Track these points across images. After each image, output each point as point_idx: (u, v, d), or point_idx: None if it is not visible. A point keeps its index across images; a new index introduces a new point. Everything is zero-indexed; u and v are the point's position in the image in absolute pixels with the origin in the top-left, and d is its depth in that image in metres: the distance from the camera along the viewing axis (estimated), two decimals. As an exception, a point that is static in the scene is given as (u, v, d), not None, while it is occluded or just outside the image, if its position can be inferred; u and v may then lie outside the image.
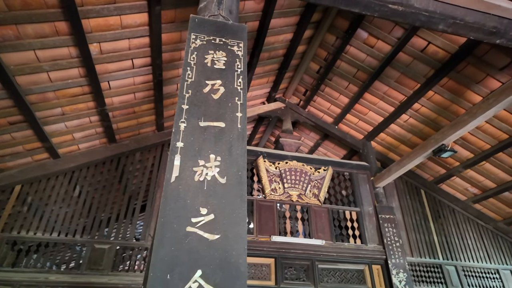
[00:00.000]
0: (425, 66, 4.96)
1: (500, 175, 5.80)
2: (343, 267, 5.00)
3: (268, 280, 4.69)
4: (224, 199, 1.33)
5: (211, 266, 1.17)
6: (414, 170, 6.66)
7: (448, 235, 6.04)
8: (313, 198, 5.62)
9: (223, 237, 1.24)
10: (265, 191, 5.46)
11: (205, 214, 1.28)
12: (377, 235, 5.39)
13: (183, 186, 1.33)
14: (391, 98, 5.70)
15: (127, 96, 4.79)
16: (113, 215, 5.00)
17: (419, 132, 5.93)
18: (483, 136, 5.35)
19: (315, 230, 5.28)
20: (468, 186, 6.33)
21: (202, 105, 1.58)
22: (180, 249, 1.18)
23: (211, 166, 1.40)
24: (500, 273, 5.88)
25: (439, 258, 5.70)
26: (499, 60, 4.40)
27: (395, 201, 6.13)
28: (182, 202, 1.29)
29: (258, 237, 4.99)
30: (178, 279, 1.11)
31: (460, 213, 6.39)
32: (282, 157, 5.89)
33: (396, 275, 4.92)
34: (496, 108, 3.87)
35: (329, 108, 6.71)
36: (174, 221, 1.23)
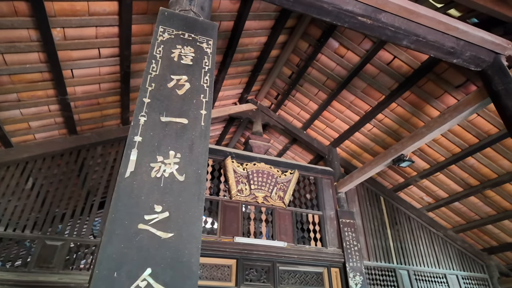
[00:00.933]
0: (390, 79, 5.21)
1: (452, 186, 6.22)
2: (303, 269, 5.09)
3: (228, 281, 4.66)
4: (181, 197, 1.31)
5: (161, 265, 1.14)
6: (375, 178, 6.96)
7: (403, 241, 6.37)
8: (278, 200, 5.68)
9: (177, 235, 1.21)
10: (231, 191, 5.45)
11: (160, 212, 1.25)
12: (337, 239, 5.56)
13: (138, 182, 1.29)
14: (357, 107, 5.92)
15: (92, 86, 4.58)
16: (68, 211, 4.74)
17: (381, 141, 6.22)
18: (439, 149, 5.71)
19: (278, 232, 5.34)
20: (423, 195, 6.73)
21: (165, 100, 1.55)
22: (130, 246, 1.14)
23: (170, 163, 1.37)
24: (447, 278, 6.29)
25: (394, 263, 5.98)
26: (456, 79, 4.73)
27: (355, 206, 6.36)
28: (135, 198, 1.24)
29: (221, 237, 4.96)
30: (125, 277, 1.07)
31: (415, 220, 6.76)
32: (250, 159, 5.90)
33: (353, 278, 5.10)
34: (451, 123, 4.15)
35: (299, 113, 6.85)
36: (125, 217, 1.19)
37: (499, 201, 5.93)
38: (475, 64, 3.58)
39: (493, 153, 5.30)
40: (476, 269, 6.68)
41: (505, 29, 3.57)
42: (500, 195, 5.79)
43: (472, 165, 5.66)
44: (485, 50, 3.53)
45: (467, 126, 5.16)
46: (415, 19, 3.21)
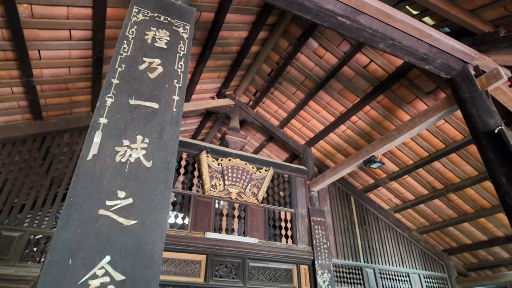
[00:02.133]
0: (365, 82, 5.34)
1: (418, 188, 6.49)
2: (273, 266, 5.12)
3: (197, 276, 4.59)
4: (147, 183, 1.25)
5: (122, 253, 1.08)
6: (346, 178, 7.13)
7: (371, 240, 6.57)
8: (252, 197, 5.67)
9: (140, 223, 1.15)
10: (204, 186, 5.37)
11: (123, 198, 1.18)
12: (307, 236, 5.63)
13: (101, 165, 1.21)
14: (332, 108, 6.02)
15: (60, 70, 4.33)
16: (29, 201, 4.47)
17: (354, 143, 6.37)
18: (408, 152, 5.93)
19: (250, 229, 5.33)
20: (391, 196, 6.97)
21: (135, 82, 1.47)
22: (87, 233, 1.06)
23: (137, 148, 1.31)
24: (410, 277, 6.56)
25: (361, 261, 6.16)
26: (427, 85, 4.92)
27: (327, 205, 6.48)
28: (97, 182, 1.17)
29: (192, 233, 4.88)
30: (81, 264, 1.00)
31: (382, 220, 6.99)
32: (226, 154, 5.84)
33: (321, 275, 5.19)
34: (420, 127, 4.32)
35: (277, 111, 6.87)
36: (84, 202, 1.11)
37: (460, 205, 6.25)
38: (445, 71, 3.74)
39: (457, 158, 5.57)
40: (436, 269, 7.02)
41: (473, 40, 3.75)
42: (461, 199, 6.11)
43: (438, 170, 5.93)
44: (455, 58, 3.69)
45: (435, 132, 5.39)
46: (391, 23, 3.30)
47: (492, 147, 3.20)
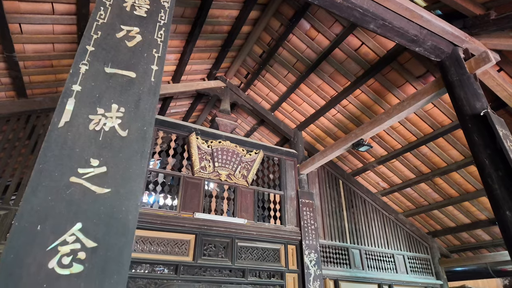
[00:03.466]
0: (356, 66, 5.30)
1: (405, 172, 6.59)
2: (261, 245, 5.20)
3: (185, 256, 4.64)
4: (122, 153, 1.22)
5: (94, 220, 1.06)
6: (335, 162, 7.19)
7: (357, 223, 6.70)
8: (241, 179, 5.69)
9: (114, 192, 1.14)
10: (194, 168, 5.35)
11: (96, 166, 1.16)
12: (295, 218, 5.71)
13: (73, 133, 1.18)
14: (323, 92, 6.00)
15: (44, 45, 4.19)
16: (14, 179, 4.40)
17: (344, 127, 6.39)
18: (397, 137, 5.99)
19: (239, 210, 5.38)
20: (379, 180, 7.08)
21: (111, 50, 1.42)
22: (58, 200, 1.04)
23: (112, 117, 1.27)
24: (395, 257, 6.75)
25: (347, 242, 6.30)
26: (417, 69, 4.92)
27: (315, 188, 6.56)
28: (68, 150, 1.14)
29: (181, 213, 4.89)
30: (50, 231, 0.99)
31: (369, 203, 7.12)
32: (216, 136, 5.81)
33: (308, 255, 5.30)
34: (408, 110, 4.33)
35: (268, 94, 6.82)
36: (55, 169, 1.09)
37: (446, 188, 6.39)
38: (435, 54, 3.72)
39: (444, 143, 5.65)
40: (420, 250, 7.23)
41: (464, 23, 3.73)
42: (447, 183, 6.23)
43: (425, 154, 6.01)
44: (445, 41, 3.68)
45: (423, 116, 5.43)
46: (383, 3, 3.24)
47: (478, 130, 3.24)
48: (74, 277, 0.95)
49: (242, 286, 4.77)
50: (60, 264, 0.95)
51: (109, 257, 1.02)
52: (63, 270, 0.95)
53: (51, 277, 0.92)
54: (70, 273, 0.95)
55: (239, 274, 4.85)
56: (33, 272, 0.91)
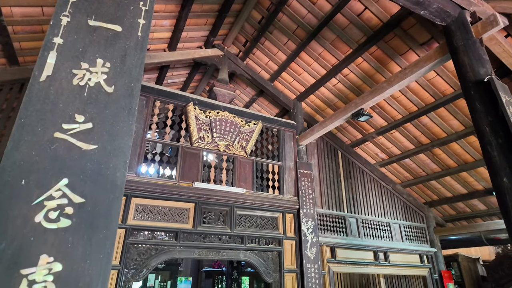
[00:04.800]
0: (358, 32, 5.11)
1: (405, 143, 6.57)
2: (260, 214, 5.29)
3: (185, 223, 4.74)
4: (108, 109, 1.18)
5: (80, 176, 1.04)
6: (335, 133, 7.15)
7: (355, 193, 6.78)
8: (240, 149, 5.68)
9: (101, 148, 1.11)
10: (192, 138, 5.32)
11: (81, 122, 1.12)
12: (294, 188, 5.77)
13: (56, 88, 1.13)
14: (324, 60, 5.84)
15: (32, 9, 4.01)
16: (11, 149, 4.38)
17: (344, 97, 6.28)
18: (397, 107, 5.90)
19: (238, 180, 5.42)
20: (378, 151, 7.08)
21: (95, 2, 1.33)
22: (42, 155, 1.02)
23: (97, 72, 1.21)
24: (391, 226, 6.89)
25: (344, 211, 6.41)
26: (421, 36, 4.74)
27: (314, 159, 6.57)
28: (51, 105, 1.10)
29: (180, 182, 4.93)
30: (35, 186, 0.97)
31: (367, 174, 7.16)
32: (214, 107, 5.73)
33: (305, 223, 5.41)
34: (410, 78, 4.22)
35: (267, 63, 6.65)
36: (38, 124, 1.05)
37: (444, 159, 6.39)
38: (440, 17, 3.56)
39: (445, 113, 5.57)
40: (416, 220, 7.37)
41: (474, -16, 3.53)
42: (446, 153, 6.23)
43: (426, 124, 5.96)
44: (452, 3, 3.50)
45: (425, 85, 5.31)
46: (388, -40, 3.05)
47: (480, 97, 3.16)
48: (61, 231, 0.94)
49: (241, 251, 4.91)
50: (47, 219, 0.94)
51: (97, 212, 1.01)
52: (50, 224, 0.93)
53: (38, 231, 0.91)
54: (58, 227, 0.94)
55: (238, 240, 4.97)
56: (18, 225, 0.90)
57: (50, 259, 0.91)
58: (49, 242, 0.92)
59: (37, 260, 0.89)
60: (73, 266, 0.92)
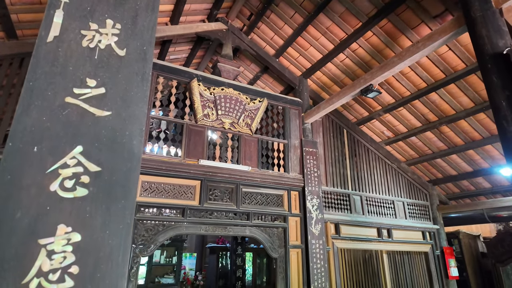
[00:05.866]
0: (369, 4, 4.90)
1: (412, 121, 6.48)
2: (265, 191, 5.30)
3: (192, 200, 4.75)
4: (121, 74, 1.10)
5: (95, 144, 0.98)
6: (341, 111, 7.05)
7: (360, 171, 6.76)
8: (245, 127, 5.61)
9: (115, 115, 1.04)
10: (197, 116, 5.24)
11: (93, 87, 1.05)
12: (299, 166, 5.75)
13: (65, 49, 1.05)
14: (332, 34, 5.64)
15: (29, -22, 3.83)
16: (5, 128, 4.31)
17: (352, 74, 6.12)
18: (406, 83, 5.76)
19: (243, 158, 5.39)
20: (384, 129, 6.99)
21: (101, -42, 1.23)
22: (54, 120, 0.96)
23: (107, 33, 1.13)
24: (395, 204, 6.92)
25: (349, 189, 6.41)
26: (434, 8, 4.54)
27: (319, 137, 6.50)
28: (60, 67, 1.02)
29: (185, 159, 4.90)
30: (48, 153, 0.91)
31: (373, 152, 7.12)
32: (218, 83, 5.61)
33: (310, 200, 5.42)
34: (422, 52, 4.07)
35: (272, 38, 6.44)
36: (47, 88, 0.98)
37: (451, 137, 6.32)
38: (458, -14, 3.38)
39: (455, 89, 5.44)
40: (420, 197, 7.40)
41: (496, -51, 3.31)
42: (453, 131, 6.14)
43: (434, 101, 5.84)
44: (472, -30, 3.31)
45: (436, 61, 5.15)
46: None
47: (497, 70, 3.05)
48: (78, 200, 0.89)
49: (247, 228, 4.95)
50: (63, 187, 0.89)
51: (115, 182, 0.96)
52: (66, 193, 0.89)
53: (54, 200, 0.87)
54: (74, 197, 0.89)
55: (243, 217, 5.00)
56: (33, 194, 0.85)
57: (68, 229, 0.87)
58: (66, 212, 0.87)
59: (54, 230, 0.85)
60: (92, 236, 0.89)
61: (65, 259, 0.84)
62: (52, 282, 0.81)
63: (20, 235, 0.81)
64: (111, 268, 0.88)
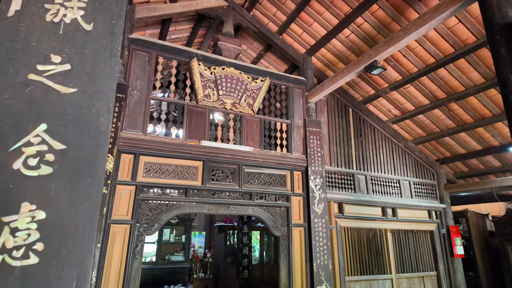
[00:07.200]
0: (375, -26, 4.65)
1: (420, 98, 6.29)
2: (268, 171, 5.30)
3: (194, 180, 4.80)
4: (87, 49, 1.07)
5: (60, 122, 0.97)
6: (346, 89, 6.88)
7: (365, 150, 6.67)
8: (247, 107, 5.56)
9: (81, 91, 1.02)
10: (197, 96, 5.20)
11: (58, 63, 1.02)
12: (302, 146, 5.70)
13: (27, 24, 1.02)
14: (336, 8, 5.41)
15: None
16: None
17: (357, 50, 5.92)
18: (413, 59, 5.55)
19: (245, 138, 5.37)
20: (391, 107, 6.82)
21: None
22: (16, 98, 0.94)
23: (73, 7, 1.09)
24: (400, 183, 6.85)
25: (353, 169, 6.36)
26: (444, -24, 4.27)
27: (323, 116, 6.40)
28: (22, 43, 0.99)
29: (187, 141, 4.91)
30: (11, 131, 0.90)
31: (379, 131, 6.99)
32: (219, 63, 5.52)
33: (313, 180, 5.41)
34: (429, 25, 3.88)
35: (275, 14, 6.24)
36: (8, 64, 0.96)
37: (460, 114, 6.13)
38: (468, -49, 3.15)
39: (465, 64, 5.22)
40: (427, 177, 7.30)
41: None
42: (463, 108, 5.95)
43: (443, 77, 5.62)
44: None
45: (445, 34, 4.92)
46: None
47: (507, 42, 2.87)
48: (43, 178, 0.89)
49: (250, 207, 5.00)
50: (26, 166, 0.89)
51: (81, 160, 0.95)
52: (30, 172, 0.88)
53: (17, 178, 0.86)
54: (39, 175, 0.89)
55: (246, 197, 5.04)
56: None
57: (33, 206, 0.87)
58: (31, 190, 0.87)
59: (18, 208, 0.85)
60: (57, 214, 0.89)
61: (29, 236, 0.85)
62: (16, 258, 0.82)
63: (-18, 213, 0.82)
64: (77, 245, 0.89)
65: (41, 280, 0.83)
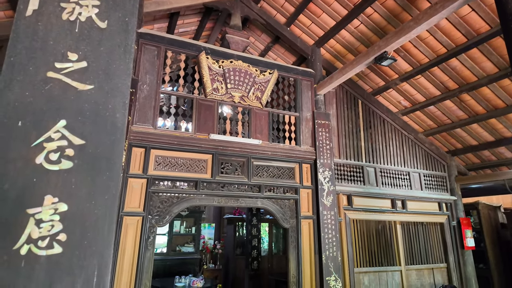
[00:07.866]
0: (385, -37, 4.56)
1: (430, 89, 6.19)
2: (276, 164, 5.32)
3: (204, 173, 4.85)
4: (103, 46, 1.10)
5: (79, 118, 1.01)
6: (356, 81, 6.81)
7: (374, 142, 6.62)
8: (255, 100, 5.56)
9: (97, 88, 1.05)
10: (206, 90, 5.23)
11: (75, 61, 1.05)
12: (310, 138, 5.69)
13: (44, 23, 1.05)
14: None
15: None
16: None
17: (367, 41, 5.84)
18: (424, 49, 5.45)
19: (254, 131, 5.39)
20: (401, 99, 6.74)
21: None
22: (36, 95, 0.98)
23: (87, 5, 1.11)
24: (410, 175, 6.80)
25: (363, 161, 6.33)
26: (457, -36, 4.15)
27: (332, 108, 6.36)
28: (41, 42, 1.03)
29: (196, 134, 4.96)
30: (32, 127, 0.94)
31: (389, 123, 6.92)
32: (227, 56, 5.52)
33: (322, 172, 5.42)
34: (441, 14, 3.80)
35: (283, 5, 6.17)
36: (28, 63, 0.99)
37: (472, 105, 6.02)
38: None
39: (478, 54, 5.10)
40: (438, 169, 7.22)
41: None
42: (475, 99, 5.84)
43: (455, 68, 5.52)
44: None
45: (458, 24, 4.81)
46: None
47: (521, 31, 2.81)
48: (64, 172, 0.93)
49: (259, 199, 5.04)
50: (48, 160, 0.93)
51: (99, 154, 0.98)
52: (52, 166, 0.92)
53: (40, 172, 0.90)
54: (60, 169, 0.93)
55: (255, 189, 5.09)
56: (20, 167, 0.89)
57: (55, 199, 0.91)
58: (52, 183, 0.92)
59: (42, 200, 0.90)
60: (78, 206, 0.93)
61: (53, 227, 0.90)
62: (42, 248, 0.87)
63: (9, 205, 0.86)
64: (97, 236, 0.93)
65: (65, 268, 0.87)
